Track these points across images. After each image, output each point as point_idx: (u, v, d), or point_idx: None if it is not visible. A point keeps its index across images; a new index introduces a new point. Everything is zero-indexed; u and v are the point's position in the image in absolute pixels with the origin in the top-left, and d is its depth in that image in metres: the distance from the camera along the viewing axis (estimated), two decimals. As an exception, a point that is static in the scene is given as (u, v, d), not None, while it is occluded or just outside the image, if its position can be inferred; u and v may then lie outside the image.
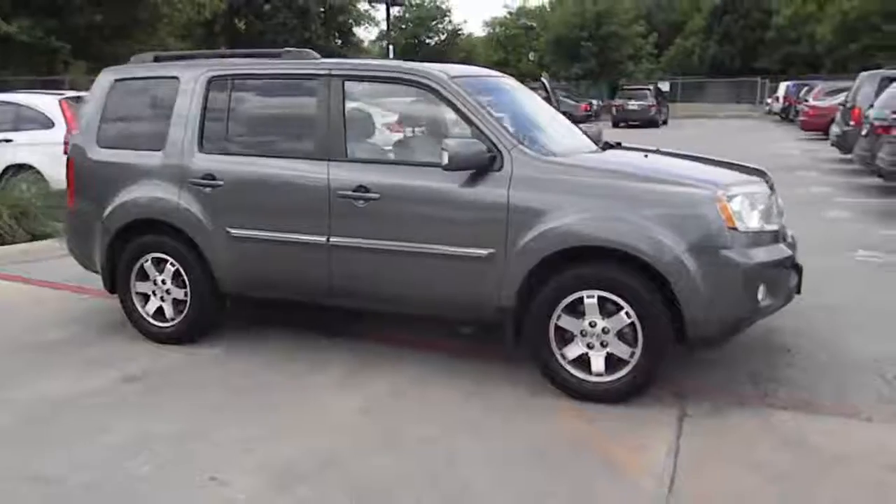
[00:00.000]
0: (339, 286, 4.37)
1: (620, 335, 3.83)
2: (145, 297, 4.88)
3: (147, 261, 4.80)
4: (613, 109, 32.30)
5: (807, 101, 24.72)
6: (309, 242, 4.35)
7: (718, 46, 50.96)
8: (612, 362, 3.86)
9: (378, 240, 4.20)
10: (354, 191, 4.21)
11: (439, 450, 3.46)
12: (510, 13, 55.31)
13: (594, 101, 34.39)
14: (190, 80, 4.69)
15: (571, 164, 4.07)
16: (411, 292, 4.25)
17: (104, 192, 4.87)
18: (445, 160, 3.90)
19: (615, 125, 30.32)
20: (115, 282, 4.94)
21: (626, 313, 3.77)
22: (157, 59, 5.04)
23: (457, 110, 4.14)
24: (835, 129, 14.96)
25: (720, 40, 50.91)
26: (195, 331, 4.81)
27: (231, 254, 4.55)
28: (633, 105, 31.31)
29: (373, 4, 31.45)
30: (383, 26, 36.91)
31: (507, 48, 52.19)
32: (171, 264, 4.73)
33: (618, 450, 3.44)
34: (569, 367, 3.94)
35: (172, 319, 4.81)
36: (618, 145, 4.98)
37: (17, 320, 5.41)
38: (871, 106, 11.62)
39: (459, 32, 50.77)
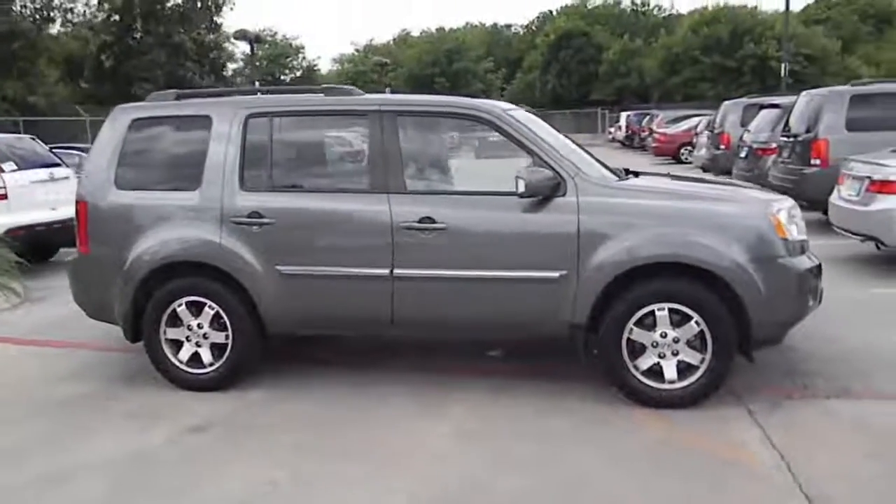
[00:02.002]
0: (402, 317, 4.39)
1: (689, 343, 4.14)
2: (176, 344, 4.65)
3: (181, 305, 4.58)
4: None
5: (652, 129, 26.89)
6: (370, 275, 4.36)
7: (557, 80, 54.21)
8: (682, 369, 4.17)
9: (445, 269, 4.29)
10: (419, 222, 4.28)
11: (558, 463, 3.59)
12: (357, 50, 56.00)
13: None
14: (225, 118, 4.57)
15: (629, 188, 4.38)
16: (480, 317, 4.36)
17: (126, 237, 4.61)
18: (521, 188, 4.09)
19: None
20: (138, 330, 4.68)
21: (696, 322, 4.09)
22: (178, 98, 4.85)
23: (516, 141, 4.34)
24: (703, 153, 16.41)
25: (558, 74, 54.18)
26: (236, 375, 4.63)
27: (281, 292, 4.45)
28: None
29: (233, 42, 30.79)
30: (240, 64, 36.39)
31: (357, 84, 52.67)
32: (210, 307, 4.55)
33: (720, 448, 3.72)
34: (641, 378, 4.19)
35: (211, 365, 4.61)
36: (637, 173, 5.33)
37: (23, 378, 4.97)
38: (747, 130, 12.92)
39: (315, 69, 50.78)
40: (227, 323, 4.55)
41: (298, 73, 47.16)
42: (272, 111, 4.61)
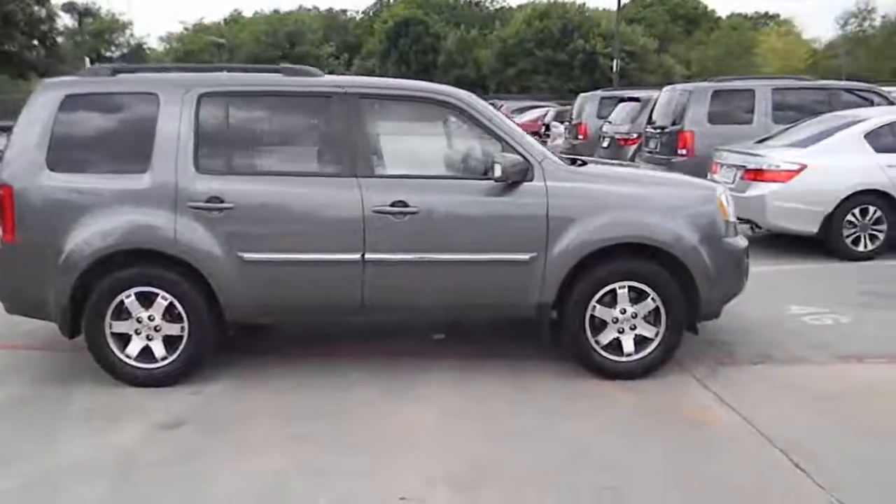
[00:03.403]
0: (372, 302, 4.38)
1: (645, 318, 4.46)
2: (123, 339, 4.35)
3: (129, 297, 4.29)
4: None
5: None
6: (341, 260, 4.31)
7: (396, 68, 54.39)
8: (638, 342, 4.48)
9: (417, 253, 4.32)
10: (392, 205, 4.28)
11: (554, 436, 3.78)
12: (186, 29, 53.34)
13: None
14: (174, 96, 4.31)
15: (590, 174, 4.62)
16: (451, 299, 4.44)
17: (63, 223, 4.24)
18: (498, 172, 4.21)
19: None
20: (76, 326, 4.34)
21: (652, 298, 4.42)
22: (114, 73, 4.50)
23: (484, 127, 4.45)
24: (559, 143, 17.22)
25: (397, 62, 54.42)
26: (191, 368, 4.41)
27: (244, 280, 4.29)
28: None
29: (58, 14, 28.25)
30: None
31: (189, 63, 50.18)
32: (164, 298, 4.30)
33: (689, 411, 4.08)
34: (602, 352, 4.47)
35: (164, 359, 4.36)
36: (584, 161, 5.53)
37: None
38: (608, 121, 13.76)
39: (144, 46, 47.69)
40: (183, 314, 4.32)
41: (126, 51, 44.09)
42: (227, 90, 4.41)
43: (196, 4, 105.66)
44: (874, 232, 7.51)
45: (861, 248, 7.52)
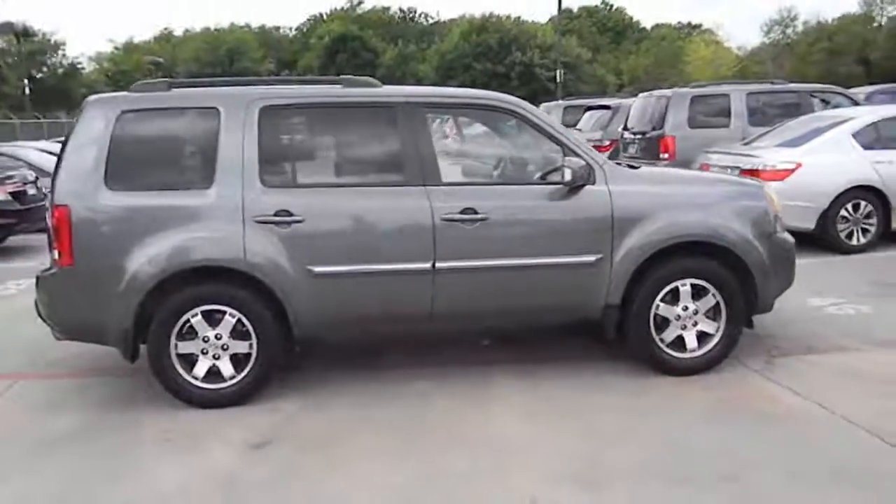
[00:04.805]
0: (441, 310, 4.37)
1: (706, 314, 4.57)
2: (188, 359, 4.23)
3: (195, 316, 4.18)
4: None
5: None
6: (411, 270, 4.29)
7: (335, 84, 54.19)
8: (700, 338, 4.58)
9: (487, 259, 4.34)
10: (461, 213, 4.29)
11: (647, 432, 3.84)
12: (117, 48, 52.01)
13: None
14: (236, 110, 4.23)
15: (647, 176, 4.72)
16: (520, 304, 4.47)
17: (125, 243, 4.11)
18: (569, 177, 4.28)
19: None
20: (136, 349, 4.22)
21: (713, 295, 4.53)
22: (170, 87, 4.39)
23: (545, 132, 4.50)
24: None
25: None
26: (259, 387, 4.32)
27: (314, 294, 4.22)
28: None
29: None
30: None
31: (120, 84, 48.89)
32: (231, 315, 4.20)
33: (761, 402, 4.18)
34: (666, 349, 4.56)
35: (232, 378, 4.26)
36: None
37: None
38: (578, 129, 14.02)
39: (79, 67, 46.05)
40: (251, 331, 4.23)
41: (61, 72, 42.53)
42: (289, 103, 4.35)
43: (123, 24, 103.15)
44: (865, 226, 7.87)
45: (854, 241, 7.86)
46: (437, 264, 4.29)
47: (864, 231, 7.88)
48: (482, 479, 3.38)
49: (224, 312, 4.20)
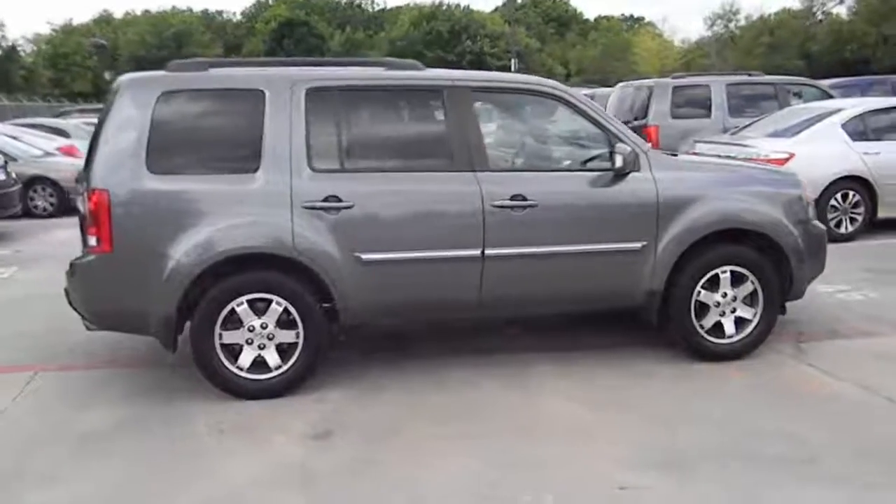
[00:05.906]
0: (490, 297, 4.32)
1: (744, 300, 4.63)
2: (232, 349, 4.09)
3: (241, 304, 4.04)
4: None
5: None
6: (460, 257, 4.23)
7: (282, 69, 53.28)
8: (738, 324, 4.65)
9: (536, 246, 4.31)
10: (511, 199, 4.24)
11: (707, 416, 3.87)
12: (55, 30, 50.12)
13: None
14: (281, 92, 4.09)
15: (690, 163, 4.75)
16: (567, 291, 4.45)
17: (168, 229, 3.95)
18: (619, 163, 4.27)
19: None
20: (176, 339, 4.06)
21: (751, 281, 4.60)
22: (209, 67, 4.21)
23: (590, 118, 4.48)
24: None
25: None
26: (306, 376, 4.20)
27: (362, 281, 4.12)
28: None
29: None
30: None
31: (59, 66, 47.12)
32: (278, 303, 4.08)
33: (808, 385, 4.27)
34: (705, 335, 4.61)
35: (278, 368, 4.13)
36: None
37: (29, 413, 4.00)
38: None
39: (19, 49, 43.98)
40: (298, 319, 4.11)
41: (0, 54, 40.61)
42: (336, 85, 4.23)
43: (61, 5, 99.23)
44: (853, 215, 8.11)
45: (843, 230, 8.09)
46: (487, 251, 4.24)
47: (852, 220, 8.13)
48: (564, 466, 3.35)
49: (270, 301, 4.07)
